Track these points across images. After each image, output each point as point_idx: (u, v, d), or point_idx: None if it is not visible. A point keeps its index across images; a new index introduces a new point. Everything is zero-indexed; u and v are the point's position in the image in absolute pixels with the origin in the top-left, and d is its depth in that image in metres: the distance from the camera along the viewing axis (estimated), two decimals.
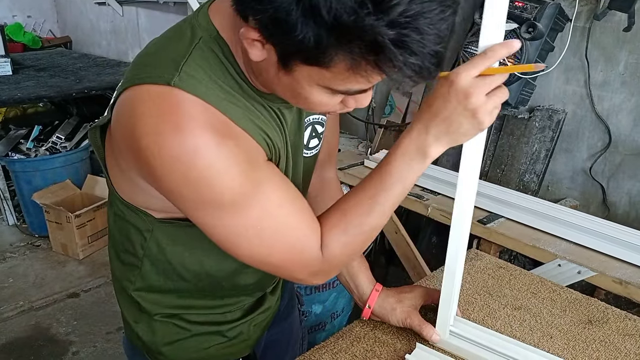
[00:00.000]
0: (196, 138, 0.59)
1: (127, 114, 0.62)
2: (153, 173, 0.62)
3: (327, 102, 0.62)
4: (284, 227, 0.68)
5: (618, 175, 1.73)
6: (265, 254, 0.68)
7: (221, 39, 0.64)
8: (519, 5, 1.68)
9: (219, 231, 0.66)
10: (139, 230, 0.78)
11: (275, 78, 0.61)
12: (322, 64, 0.54)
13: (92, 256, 2.88)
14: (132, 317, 0.86)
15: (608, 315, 1.00)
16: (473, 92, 0.63)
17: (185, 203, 0.64)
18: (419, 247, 1.85)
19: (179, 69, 0.60)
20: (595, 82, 1.71)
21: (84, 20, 4.55)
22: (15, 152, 3.01)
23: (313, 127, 0.82)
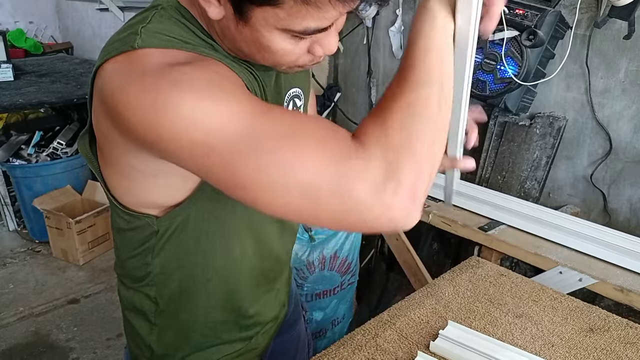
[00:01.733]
0: (172, 73, 0.54)
1: (100, 88, 0.60)
2: (138, 132, 0.55)
3: (292, 49, 0.61)
4: (314, 136, 0.55)
5: (619, 182, 1.73)
6: (302, 176, 0.53)
7: (183, 7, 0.64)
8: (520, 12, 1.68)
9: (241, 169, 0.53)
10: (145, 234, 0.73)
11: (238, 34, 0.60)
12: (271, 1, 0.53)
13: (93, 262, 2.88)
14: (144, 330, 0.84)
15: (609, 323, 0.99)
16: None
17: (183, 150, 0.54)
18: (420, 253, 1.84)
19: (139, 33, 0.59)
20: (595, 90, 1.72)
21: (86, 26, 4.56)
22: (16, 157, 3.02)
23: (293, 102, 0.81)
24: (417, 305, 1.03)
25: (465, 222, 1.56)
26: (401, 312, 1.00)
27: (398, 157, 0.54)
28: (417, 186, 0.55)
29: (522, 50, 1.67)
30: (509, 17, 1.69)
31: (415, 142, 0.56)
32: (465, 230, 1.55)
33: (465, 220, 1.57)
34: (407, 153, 0.55)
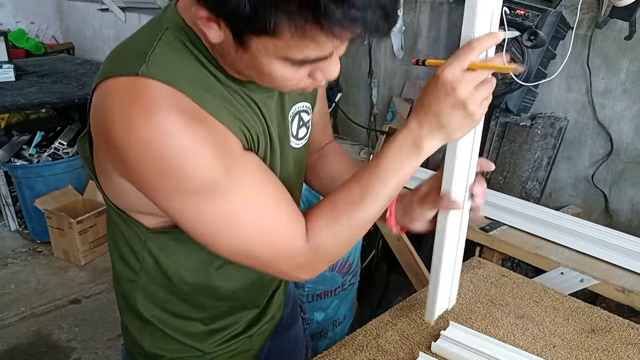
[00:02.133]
0: (164, 122, 0.57)
1: (98, 108, 0.62)
2: (125, 163, 0.60)
3: (293, 76, 0.61)
4: (263, 219, 0.66)
5: (620, 183, 1.73)
6: (247, 248, 0.66)
7: (188, 27, 0.64)
8: (521, 13, 1.68)
9: (195, 223, 0.64)
10: (134, 242, 0.77)
11: (237, 58, 0.60)
12: (267, 32, 0.53)
13: (94, 262, 2.88)
14: (137, 330, 0.85)
15: (611, 324, 0.99)
16: (459, 84, 0.63)
17: (160, 193, 0.62)
18: (422, 254, 1.84)
19: (146, 59, 0.60)
20: (597, 90, 1.72)
21: (87, 26, 4.57)
22: (17, 158, 3.02)
23: (300, 117, 0.81)
24: (419, 305, 1.03)
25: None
26: (402, 312, 1.01)
27: (328, 260, 0.72)
28: (328, 265, 0.73)
29: (523, 50, 1.67)
30: (510, 17, 1.69)
31: (344, 251, 0.74)
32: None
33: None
34: (335, 258, 0.73)
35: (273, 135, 0.74)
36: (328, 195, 0.72)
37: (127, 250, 0.79)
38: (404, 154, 0.68)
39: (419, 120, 0.67)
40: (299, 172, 0.86)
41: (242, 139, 0.67)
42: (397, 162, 0.68)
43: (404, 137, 0.68)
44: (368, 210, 0.69)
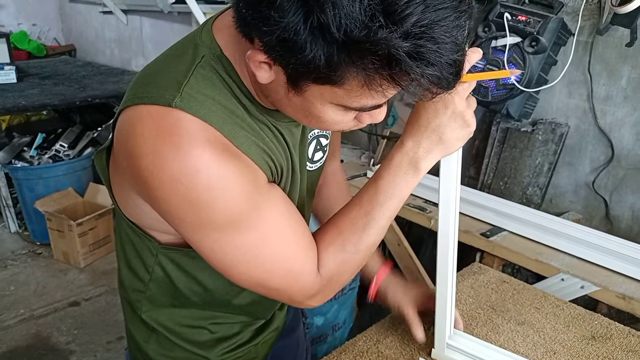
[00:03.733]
0: (195, 158, 0.57)
1: (127, 133, 0.61)
2: (152, 194, 0.61)
3: (341, 119, 0.60)
4: (282, 253, 0.67)
5: (621, 189, 1.73)
6: (262, 278, 0.67)
7: (224, 57, 0.63)
8: (522, 19, 1.69)
9: (215, 254, 0.65)
10: (145, 256, 0.77)
11: (285, 99, 0.59)
12: (334, 82, 0.52)
13: (94, 264, 2.88)
14: (142, 337, 0.85)
15: (611, 331, 0.99)
16: (456, 97, 0.65)
17: (184, 225, 0.63)
18: (422, 259, 1.84)
19: (180, 90, 0.59)
20: (598, 96, 1.72)
21: (89, 28, 4.58)
22: (18, 159, 3.02)
23: (317, 141, 0.82)
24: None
25: (467, 228, 1.56)
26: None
27: (338, 287, 0.73)
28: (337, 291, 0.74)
29: (525, 56, 1.67)
30: (511, 23, 1.69)
31: (353, 275, 0.74)
32: (466, 236, 1.55)
33: (467, 226, 1.57)
34: (344, 284, 0.74)
35: (295, 163, 0.74)
36: (332, 220, 0.73)
37: (136, 260, 0.78)
38: (401, 175, 0.69)
39: (415, 138, 0.68)
40: (311, 194, 0.87)
41: (267, 171, 0.67)
42: (395, 185, 0.70)
43: (400, 158, 0.69)
44: (372, 234, 0.71)
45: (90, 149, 3.21)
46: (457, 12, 0.50)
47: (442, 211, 0.78)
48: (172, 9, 3.13)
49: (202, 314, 0.83)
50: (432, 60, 0.49)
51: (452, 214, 0.78)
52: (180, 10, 3.20)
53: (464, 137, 0.69)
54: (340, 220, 0.72)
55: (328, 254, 0.70)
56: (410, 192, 0.71)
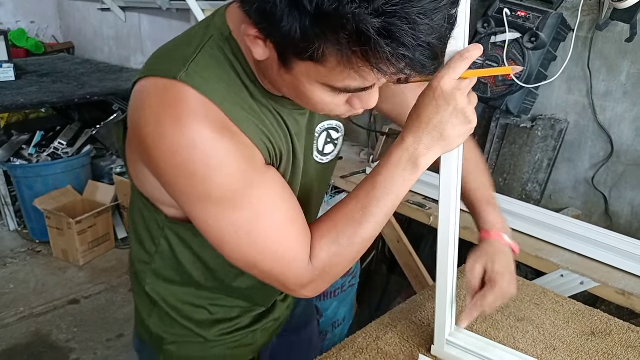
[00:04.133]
0: (194, 133, 0.60)
1: (135, 104, 0.65)
2: (153, 163, 0.64)
3: (330, 101, 0.61)
4: (274, 234, 0.68)
5: (620, 186, 1.73)
6: (253, 258, 0.69)
7: (233, 39, 0.65)
8: (522, 15, 1.68)
9: (211, 228, 0.67)
10: (153, 228, 0.80)
11: (279, 77, 0.61)
12: (314, 58, 0.54)
13: (93, 262, 2.88)
14: (146, 311, 0.89)
15: (611, 327, 0.99)
16: (457, 93, 0.65)
17: (181, 196, 0.66)
18: (421, 256, 1.84)
19: (186, 65, 0.62)
20: (597, 92, 1.71)
21: (87, 26, 4.57)
22: (17, 157, 3.02)
23: (328, 134, 0.83)
24: (419, 308, 1.03)
25: (467, 224, 1.55)
26: (402, 315, 1.00)
27: (331, 278, 0.73)
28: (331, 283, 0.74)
29: (524, 52, 1.66)
30: (510, 19, 1.69)
31: (347, 268, 0.74)
32: (466, 232, 1.54)
33: (467, 222, 1.56)
34: (337, 276, 0.74)
35: (298, 151, 0.75)
36: (328, 214, 0.73)
37: (145, 233, 0.82)
38: (400, 171, 0.69)
39: (416, 135, 0.67)
40: (321, 186, 0.88)
41: (265, 153, 0.69)
42: (394, 181, 0.69)
43: (400, 154, 0.69)
44: (368, 229, 0.70)
45: (89, 146, 3.21)
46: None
47: (443, 208, 0.78)
48: (171, 5, 3.12)
49: (202, 293, 0.85)
50: (405, 40, 0.50)
51: (452, 210, 0.78)
52: (178, 7, 3.19)
53: (465, 134, 0.68)
54: (336, 213, 0.72)
55: (321, 245, 0.70)
56: (408, 188, 0.71)
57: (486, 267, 0.85)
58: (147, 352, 0.92)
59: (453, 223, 0.79)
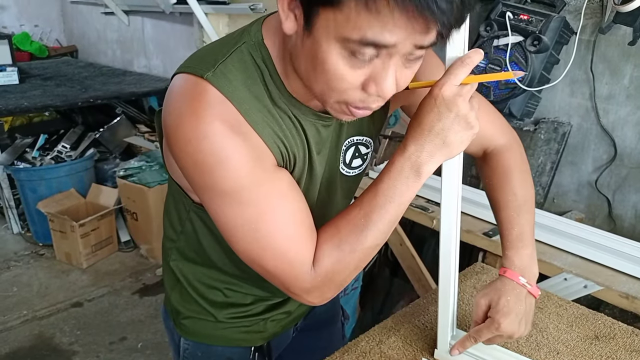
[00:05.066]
0: (206, 125, 0.64)
1: (167, 95, 0.70)
2: (172, 149, 0.68)
3: (345, 73, 0.60)
4: (278, 234, 0.69)
5: (624, 189, 1.73)
6: (257, 254, 0.70)
7: (264, 46, 0.69)
8: (524, 18, 1.68)
9: (220, 218, 0.70)
10: (181, 209, 0.86)
11: (301, 50, 0.63)
12: (333, 2, 0.55)
13: (96, 265, 2.89)
14: (170, 284, 0.96)
15: (615, 330, 0.99)
16: (459, 99, 0.65)
17: (194, 184, 0.70)
18: (424, 259, 1.84)
19: (215, 66, 0.67)
20: (600, 95, 1.71)
21: (91, 29, 4.58)
22: (20, 160, 3.03)
23: (356, 148, 0.84)
24: (422, 311, 1.02)
25: (469, 227, 1.56)
26: (405, 318, 1.00)
27: (336, 286, 0.73)
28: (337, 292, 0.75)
29: (527, 55, 1.67)
30: (513, 22, 1.69)
31: (351, 276, 0.73)
32: (469, 236, 1.54)
33: (469, 225, 1.57)
34: (343, 283, 0.73)
35: (314, 159, 0.77)
36: (333, 220, 0.74)
37: (174, 213, 0.88)
38: (403, 179, 0.69)
39: (418, 142, 0.67)
40: (345, 197, 0.90)
41: (278, 155, 0.71)
42: (396, 189, 0.69)
43: (402, 162, 0.69)
44: (370, 237, 0.70)
45: (92, 149, 3.22)
46: None
47: (445, 211, 0.78)
48: (174, 9, 3.13)
49: (220, 276, 0.90)
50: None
51: (454, 214, 0.78)
52: (181, 11, 3.20)
53: (468, 139, 0.68)
54: (340, 220, 0.72)
55: (323, 251, 0.70)
56: (412, 196, 0.71)
57: (491, 303, 0.83)
58: (169, 322, 0.99)
59: (455, 227, 0.79)
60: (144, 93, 3.41)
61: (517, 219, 0.87)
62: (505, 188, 0.88)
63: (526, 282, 0.83)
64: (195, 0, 2.79)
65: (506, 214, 0.87)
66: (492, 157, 0.91)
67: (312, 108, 0.73)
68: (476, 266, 1.23)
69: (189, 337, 0.96)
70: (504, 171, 0.89)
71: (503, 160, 0.89)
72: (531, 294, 0.84)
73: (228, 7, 2.85)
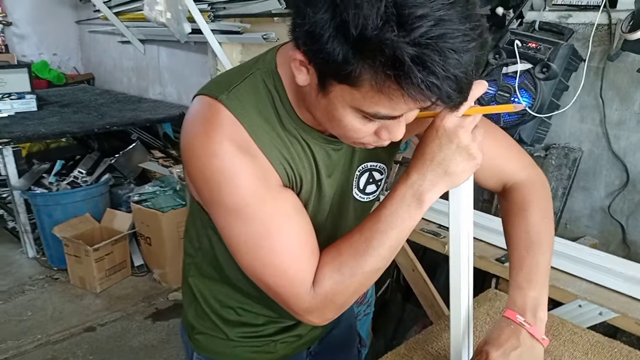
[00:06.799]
0: (216, 144, 0.68)
1: (186, 114, 0.75)
2: (185, 165, 0.73)
3: (360, 128, 0.65)
4: (280, 252, 0.72)
5: (637, 214, 1.72)
6: (259, 270, 0.73)
7: (277, 73, 0.73)
8: (533, 46, 1.71)
9: (226, 233, 0.74)
10: (199, 226, 0.89)
11: (315, 102, 0.67)
12: (350, 80, 0.59)
13: (109, 290, 2.90)
14: (187, 300, 0.99)
15: (632, 358, 0.98)
16: (461, 130, 0.68)
17: (204, 200, 0.74)
18: (437, 285, 1.83)
19: (229, 89, 0.72)
20: (610, 121, 1.72)
21: (107, 57, 4.70)
22: (37, 186, 3.08)
23: (370, 174, 0.86)
24: (435, 338, 1.02)
25: (482, 253, 1.56)
26: (418, 345, 1.00)
27: (336, 308, 0.75)
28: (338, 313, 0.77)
29: (536, 82, 1.68)
30: (522, 50, 1.71)
31: (351, 299, 0.75)
32: (482, 262, 1.54)
33: (482, 251, 1.57)
34: (343, 305, 0.75)
35: (323, 182, 0.79)
36: (336, 243, 0.75)
37: (193, 229, 0.92)
38: (405, 207, 0.71)
39: (420, 172, 0.70)
40: (358, 222, 0.89)
41: (284, 175, 0.74)
42: (398, 215, 0.71)
43: (405, 190, 0.71)
44: (372, 262, 0.72)
45: (108, 175, 3.27)
46: (465, 35, 0.55)
47: (453, 241, 0.79)
48: (189, 39, 3.21)
49: (235, 295, 0.92)
50: (435, 70, 0.55)
51: (463, 242, 0.78)
52: (196, 40, 3.28)
53: (470, 170, 0.70)
54: (342, 243, 0.74)
55: (324, 272, 0.72)
56: (413, 224, 0.72)
57: (486, 339, 0.80)
58: (185, 336, 1.02)
59: (465, 252, 0.79)
60: (158, 119, 3.48)
61: (527, 258, 0.83)
62: (519, 225, 0.86)
63: (524, 321, 0.78)
64: (209, 30, 2.86)
65: (517, 253, 0.85)
66: (510, 192, 0.90)
67: (321, 132, 0.76)
68: (489, 292, 1.22)
69: (202, 352, 0.98)
70: (520, 207, 0.87)
71: (520, 196, 0.88)
72: (534, 338, 0.78)
73: (241, 36, 2.92)
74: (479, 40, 0.57)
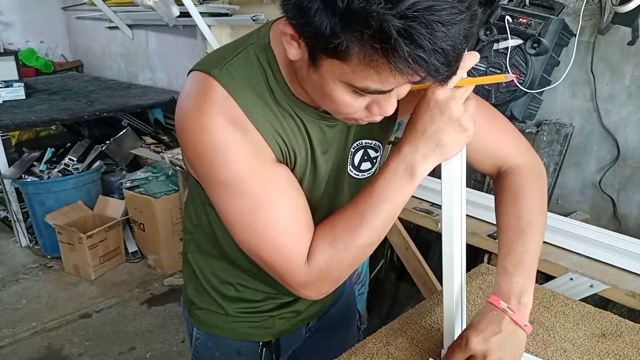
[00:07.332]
0: (208, 119, 0.68)
1: (181, 90, 0.76)
2: (179, 141, 0.73)
3: (351, 102, 0.65)
4: (274, 227, 0.72)
5: (628, 188, 1.73)
6: (254, 245, 0.74)
7: (269, 48, 0.73)
8: (523, 21, 1.70)
9: (221, 209, 0.74)
10: (197, 203, 0.90)
11: (307, 77, 0.66)
12: (339, 54, 0.58)
13: (104, 276, 2.90)
14: (187, 276, 1.00)
15: (622, 328, 0.99)
16: (452, 102, 0.67)
17: (198, 175, 0.74)
18: (430, 263, 1.84)
19: (222, 65, 0.71)
20: (601, 96, 1.72)
21: (95, 44, 4.64)
22: (28, 174, 3.06)
23: (365, 151, 0.86)
24: (428, 313, 1.03)
25: (474, 229, 1.57)
26: (412, 320, 1.01)
27: (330, 282, 0.76)
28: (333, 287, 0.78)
29: (527, 58, 1.68)
30: (512, 26, 1.70)
31: (346, 273, 0.76)
32: (474, 238, 1.55)
33: (474, 228, 1.58)
34: (337, 280, 0.76)
35: (318, 158, 0.79)
36: (329, 217, 0.75)
37: (192, 206, 0.93)
38: (397, 180, 0.71)
39: (412, 144, 0.69)
40: None
41: (277, 151, 0.74)
42: (390, 189, 0.71)
43: (397, 163, 0.71)
44: (365, 236, 0.72)
45: (99, 162, 3.25)
46: (453, 8, 0.54)
47: (445, 215, 0.78)
48: (177, 22, 3.17)
49: (234, 271, 0.93)
50: (422, 43, 0.54)
51: (455, 217, 0.78)
52: (185, 24, 3.24)
53: (462, 142, 0.70)
54: (335, 218, 0.74)
55: (317, 247, 0.73)
56: (406, 197, 0.72)
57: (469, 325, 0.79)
58: (185, 312, 1.03)
59: (458, 220, 0.79)
60: (149, 105, 3.45)
61: (516, 244, 0.81)
62: (511, 210, 0.84)
63: (507, 307, 0.76)
64: (198, 13, 2.83)
65: (506, 238, 0.82)
66: (504, 177, 0.88)
67: (315, 109, 0.76)
68: (481, 267, 1.23)
69: (201, 327, 0.99)
70: (513, 192, 0.85)
71: (514, 182, 0.86)
72: (517, 324, 0.76)
73: (230, 18, 2.89)
74: (468, 13, 0.56)
